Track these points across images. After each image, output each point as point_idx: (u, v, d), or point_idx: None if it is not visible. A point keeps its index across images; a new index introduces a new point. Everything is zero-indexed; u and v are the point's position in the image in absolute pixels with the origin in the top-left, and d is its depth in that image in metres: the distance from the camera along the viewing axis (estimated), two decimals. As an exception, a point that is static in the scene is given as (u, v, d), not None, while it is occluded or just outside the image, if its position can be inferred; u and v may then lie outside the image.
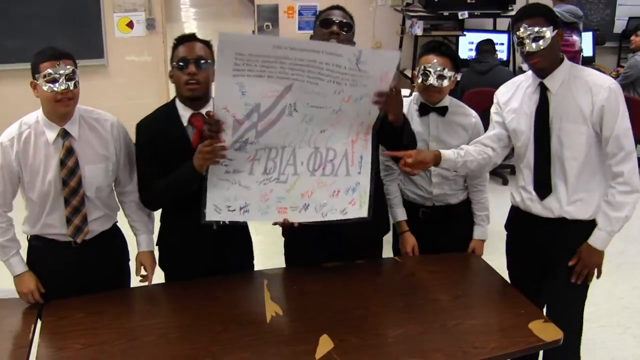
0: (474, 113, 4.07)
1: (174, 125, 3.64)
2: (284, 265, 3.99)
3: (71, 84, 3.40)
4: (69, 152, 3.51)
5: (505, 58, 8.68)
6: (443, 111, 3.99)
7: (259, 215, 3.51)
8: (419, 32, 8.14)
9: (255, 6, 8.62)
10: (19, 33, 8.09)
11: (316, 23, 3.87)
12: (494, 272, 3.91)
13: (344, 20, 3.78)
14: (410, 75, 8.29)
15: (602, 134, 3.55)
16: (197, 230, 3.60)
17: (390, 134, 3.55)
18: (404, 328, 3.31)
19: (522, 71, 8.85)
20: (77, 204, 3.56)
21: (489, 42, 7.86)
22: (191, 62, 3.53)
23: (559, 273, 3.74)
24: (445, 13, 8.14)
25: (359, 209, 3.49)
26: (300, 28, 8.63)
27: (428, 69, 3.87)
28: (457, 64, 3.97)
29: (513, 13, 8.20)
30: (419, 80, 3.92)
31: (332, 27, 3.74)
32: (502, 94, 3.86)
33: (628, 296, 5.62)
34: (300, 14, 8.60)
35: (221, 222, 3.52)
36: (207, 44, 3.67)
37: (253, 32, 8.79)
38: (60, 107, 3.43)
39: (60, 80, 3.37)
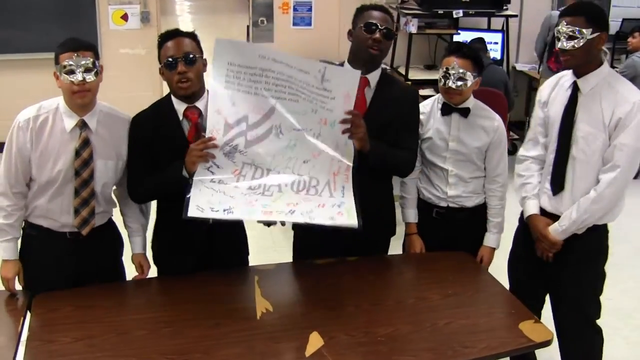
0: (497, 117, 4.08)
1: (170, 119, 3.64)
2: (274, 261, 3.98)
3: (89, 76, 3.42)
4: (85, 143, 3.52)
5: (499, 57, 8.68)
6: (465, 112, 4.00)
7: (244, 215, 3.49)
8: (414, 30, 8.12)
9: (250, 1, 8.59)
10: (14, 24, 8.05)
11: (357, 23, 3.77)
12: (486, 271, 3.93)
13: (389, 28, 3.71)
14: (404, 73, 8.30)
15: (610, 142, 3.60)
16: (191, 226, 3.58)
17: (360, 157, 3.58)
18: (394, 326, 3.31)
19: (515, 70, 8.91)
20: (87, 195, 3.57)
21: (481, 41, 7.85)
22: (180, 60, 3.53)
23: (570, 263, 3.84)
24: (440, 11, 8.12)
25: (348, 219, 3.44)
26: (294, 24, 8.60)
27: (449, 71, 3.88)
28: (479, 65, 3.97)
29: (508, 12, 8.27)
30: (441, 83, 3.93)
31: (376, 34, 3.68)
32: (544, 89, 3.92)
33: (617, 297, 5.61)
34: (295, 9, 8.56)
35: (209, 220, 3.49)
36: (192, 36, 3.65)
37: (248, 27, 8.76)
38: (77, 99, 3.46)
39: (78, 71, 3.39)
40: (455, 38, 8.53)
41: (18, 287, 3.65)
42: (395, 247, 4.25)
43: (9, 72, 7.93)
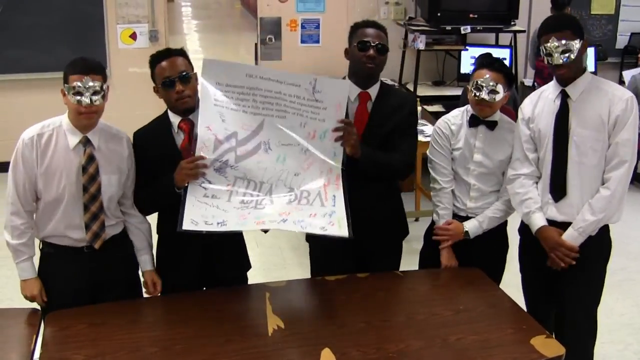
0: None
1: (165, 132, 3.76)
2: (284, 278, 3.99)
3: (96, 98, 3.47)
4: (91, 158, 3.57)
5: (507, 73, 8.67)
6: (492, 125, 4.03)
7: (237, 227, 3.53)
8: (422, 46, 8.14)
9: (258, 19, 8.63)
10: (22, 43, 8.11)
11: (352, 42, 3.90)
12: (496, 287, 3.91)
13: (382, 43, 3.85)
14: (412, 89, 8.30)
15: (609, 141, 3.67)
16: (188, 241, 3.66)
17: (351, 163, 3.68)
18: (406, 342, 3.30)
19: (524, 86, 8.91)
20: (96, 210, 3.61)
21: (489, 57, 7.84)
22: (176, 80, 3.64)
23: (575, 275, 3.81)
24: (448, 27, 8.14)
25: (339, 229, 3.48)
26: (302, 41, 8.63)
27: (480, 83, 3.91)
28: (510, 80, 4.02)
29: (516, 28, 8.28)
30: (472, 95, 3.95)
31: (369, 51, 3.81)
32: (526, 106, 3.95)
33: (629, 313, 5.61)
34: (302, 27, 8.59)
35: (203, 232, 3.51)
36: (182, 53, 3.78)
37: (256, 45, 8.79)
38: (83, 120, 3.52)
39: (86, 94, 3.43)
40: (463, 54, 8.56)
41: (34, 304, 3.69)
42: (410, 262, 4.25)
43: (19, 92, 7.95)
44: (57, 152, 3.55)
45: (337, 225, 3.50)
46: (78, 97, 3.43)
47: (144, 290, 3.94)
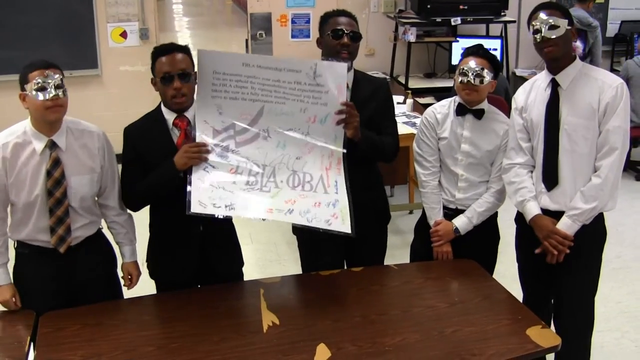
0: (507, 120, 4.09)
1: (159, 128, 3.72)
2: (279, 274, 3.98)
3: (60, 92, 3.42)
4: (56, 163, 3.53)
5: (499, 63, 8.68)
6: (479, 114, 4.04)
7: (245, 212, 3.54)
8: (412, 38, 8.13)
9: (249, 15, 8.61)
10: (13, 43, 8.06)
11: (324, 30, 3.93)
12: (491, 278, 3.91)
13: (354, 31, 3.87)
14: (404, 82, 8.30)
15: (600, 129, 3.68)
16: (185, 236, 3.68)
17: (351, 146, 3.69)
18: (402, 336, 3.30)
19: (515, 76, 8.91)
20: (62, 214, 3.57)
21: (474, 46, 7.84)
22: (175, 77, 3.60)
23: (570, 264, 3.81)
24: (438, 19, 8.13)
25: (342, 224, 3.51)
26: (293, 36, 8.62)
27: (466, 69, 3.94)
28: (496, 66, 4.04)
29: (506, 18, 8.27)
30: (458, 81, 3.97)
31: (343, 39, 3.83)
32: (519, 95, 3.97)
33: (625, 300, 5.62)
34: (293, 22, 8.58)
35: (214, 216, 3.52)
36: (186, 50, 3.71)
37: (246, 40, 8.78)
38: (50, 114, 3.45)
39: (49, 88, 3.39)
40: (454, 45, 8.55)
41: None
42: (402, 255, 4.25)
43: (8, 92, 7.90)
44: (25, 159, 3.52)
45: (340, 218, 3.52)
46: (42, 92, 3.38)
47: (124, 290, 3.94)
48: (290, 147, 3.64)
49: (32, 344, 3.35)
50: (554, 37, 3.66)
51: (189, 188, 3.51)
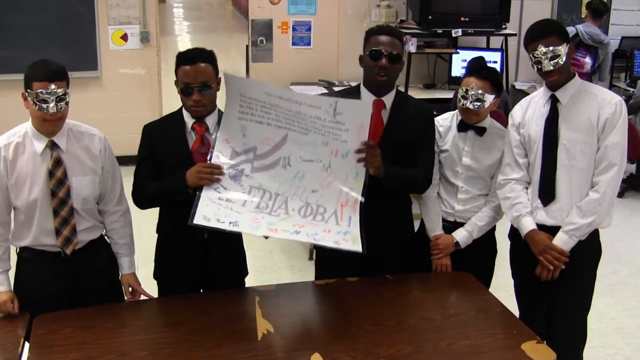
0: None
1: (178, 130, 3.72)
2: (274, 281, 3.98)
3: (61, 105, 3.40)
4: (57, 162, 3.52)
5: (498, 76, 8.68)
6: (481, 132, 4.03)
7: (248, 230, 3.50)
8: (413, 49, 8.13)
9: (250, 21, 8.62)
10: (13, 43, 8.08)
11: (365, 49, 3.80)
12: (487, 291, 3.91)
13: (394, 52, 3.72)
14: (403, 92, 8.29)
15: (598, 144, 3.69)
16: (189, 242, 3.66)
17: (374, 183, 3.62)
18: (396, 347, 3.29)
19: (515, 89, 8.92)
20: (66, 214, 3.56)
21: (479, 63, 7.86)
22: (195, 90, 3.58)
23: (565, 280, 3.80)
24: (439, 31, 8.14)
25: (352, 244, 3.44)
26: (294, 43, 8.62)
27: (466, 92, 3.92)
28: (498, 85, 4.02)
29: (507, 31, 8.28)
30: (460, 103, 3.96)
31: (382, 61, 3.71)
32: (516, 112, 3.96)
33: (620, 317, 5.61)
34: (294, 29, 8.58)
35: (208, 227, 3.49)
36: (210, 60, 3.67)
37: (247, 47, 8.79)
38: (48, 127, 3.47)
39: (51, 101, 3.37)
40: (455, 57, 8.56)
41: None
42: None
43: (9, 92, 7.91)
44: (26, 160, 3.51)
45: (350, 241, 3.45)
46: (43, 105, 3.37)
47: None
48: (308, 178, 3.60)
49: (25, 346, 3.33)
50: (557, 67, 3.66)
51: (196, 202, 3.49)
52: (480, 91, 3.90)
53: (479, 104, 3.91)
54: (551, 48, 3.64)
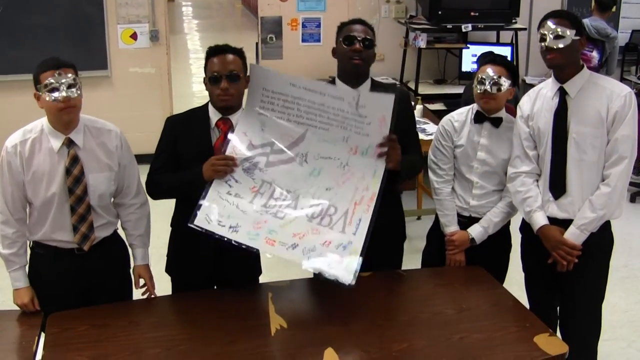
0: None
1: (201, 126, 3.76)
2: (285, 277, 3.97)
3: (73, 92, 3.41)
4: (74, 160, 3.53)
5: (508, 71, 8.67)
6: (497, 122, 4.04)
7: (246, 239, 3.47)
8: (423, 44, 8.12)
9: (259, 18, 8.63)
10: (23, 44, 8.09)
11: (338, 38, 3.90)
12: (499, 285, 3.91)
13: (367, 37, 3.80)
14: (414, 88, 8.29)
15: (608, 137, 3.68)
16: (199, 240, 3.62)
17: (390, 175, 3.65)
18: (409, 342, 3.30)
19: (525, 84, 8.89)
20: (84, 212, 3.58)
21: (491, 54, 7.84)
22: (223, 78, 3.62)
23: (578, 271, 3.81)
24: (449, 26, 8.13)
25: (345, 271, 3.38)
26: (304, 40, 8.63)
27: (483, 77, 3.94)
28: (514, 74, 4.03)
29: (517, 26, 8.26)
30: (477, 90, 3.97)
31: (355, 45, 3.77)
32: (524, 103, 3.95)
33: (632, 310, 5.60)
34: (304, 26, 8.59)
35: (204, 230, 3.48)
36: (239, 53, 3.74)
37: (257, 44, 8.80)
38: (64, 115, 3.45)
39: (62, 88, 3.38)
40: (465, 52, 8.55)
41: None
42: (410, 261, 4.24)
43: (19, 92, 7.94)
44: (42, 157, 3.52)
45: (344, 264, 3.39)
46: (54, 94, 3.38)
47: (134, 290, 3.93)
48: (324, 175, 3.60)
49: (39, 344, 3.34)
50: (558, 46, 3.66)
51: (202, 201, 3.50)
52: (496, 75, 3.91)
53: (496, 87, 3.91)
54: (559, 28, 3.64)
